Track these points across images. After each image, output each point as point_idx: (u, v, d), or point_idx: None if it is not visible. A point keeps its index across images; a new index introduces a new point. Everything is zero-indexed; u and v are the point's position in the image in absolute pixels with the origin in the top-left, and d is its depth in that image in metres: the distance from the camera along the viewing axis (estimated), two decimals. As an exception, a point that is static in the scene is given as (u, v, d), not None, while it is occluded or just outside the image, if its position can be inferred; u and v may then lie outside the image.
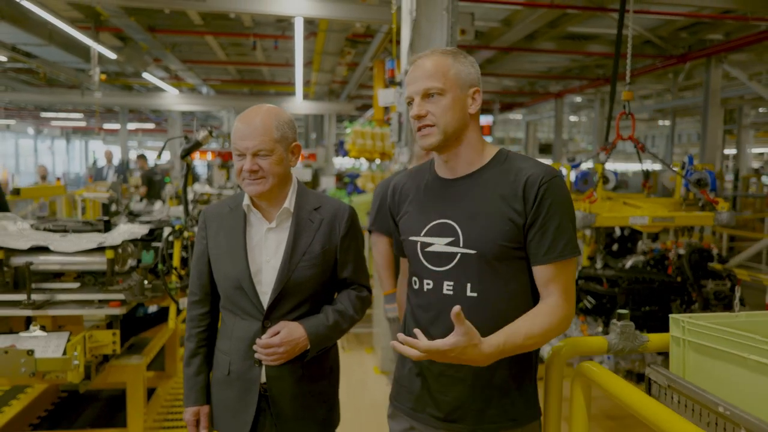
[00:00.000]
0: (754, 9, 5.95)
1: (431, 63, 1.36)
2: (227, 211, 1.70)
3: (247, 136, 1.56)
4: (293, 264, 1.61)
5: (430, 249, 1.40)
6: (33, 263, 3.03)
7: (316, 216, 1.67)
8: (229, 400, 1.69)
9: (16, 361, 2.79)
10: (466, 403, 1.38)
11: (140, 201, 6.24)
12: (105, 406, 4.11)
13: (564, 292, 1.32)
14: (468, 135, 1.39)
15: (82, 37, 7.12)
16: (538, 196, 1.30)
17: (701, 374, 1.18)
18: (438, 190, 1.44)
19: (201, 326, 1.75)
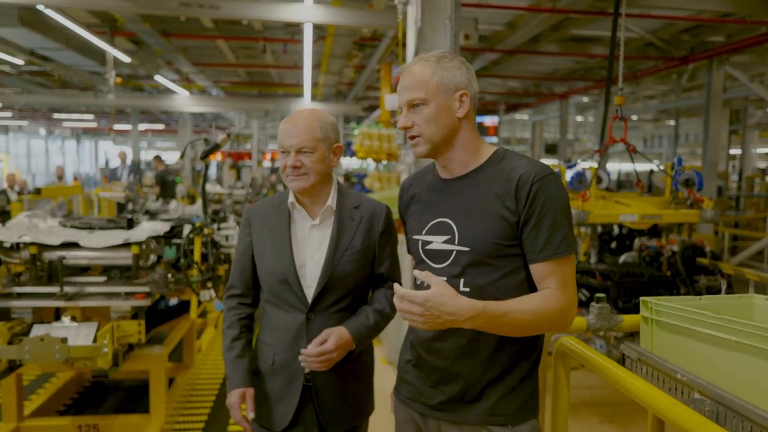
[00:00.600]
0: (752, 12, 6.08)
1: (413, 73, 1.39)
2: (270, 209, 1.78)
3: (291, 134, 1.66)
4: (336, 259, 1.68)
5: (430, 247, 1.44)
6: (65, 258, 3.26)
7: (357, 214, 1.74)
8: (273, 390, 1.74)
9: (51, 348, 3.02)
10: (457, 396, 1.41)
11: (156, 200, 6.47)
12: (127, 395, 4.33)
13: (561, 286, 1.32)
14: (460, 138, 1.41)
15: (98, 41, 7.37)
16: (530, 195, 1.32)
17: (666, 348, 1.36)
18: (438, 190, 1.48)
19: (242, 315, 1.81)
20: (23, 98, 13.48)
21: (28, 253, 3.33)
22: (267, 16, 5.33)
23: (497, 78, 11.46)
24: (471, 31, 4.96)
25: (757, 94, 9.53)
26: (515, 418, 1.39)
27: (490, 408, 1.38)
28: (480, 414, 1.39)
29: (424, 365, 1.46)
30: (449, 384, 1.41)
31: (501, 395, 1.38)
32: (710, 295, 1.43)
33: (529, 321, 1.30)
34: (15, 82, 12.46)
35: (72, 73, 10.37)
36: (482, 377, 1.38)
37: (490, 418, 1.38)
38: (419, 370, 1.48)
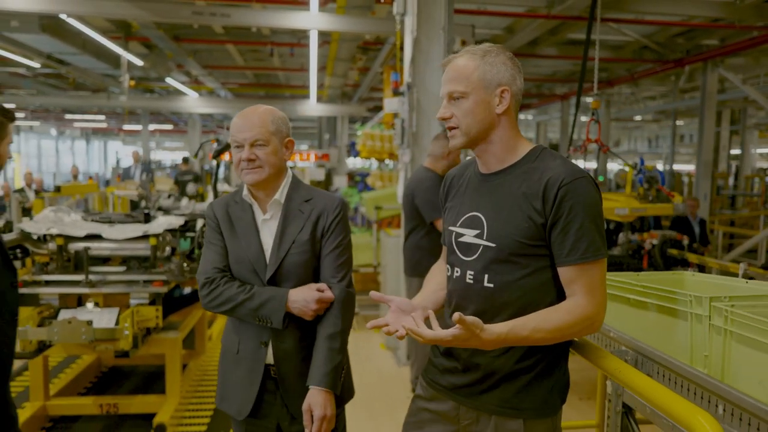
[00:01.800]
0: (742, 17, 6.31)
1: (457, 66, 1.39)
2: (233, 204, 1.81)
3: (245, 128, 1.69)
4: (282, 251, 1.72)
5: (462, 239, 1.46)
6: (90, 248, 3.55)
7: (307, 207, 1.76)
8: (237, 378, 1.77)
9: (78, 330, 3.30)
10: (476, 382, 1.44)
11: (168, 198, 6.76)
12: (142, 380, 4.62)
13: (587, 293, 1.31)
14: (497, 134, 1.41)
15: (113, 46, 7.69)
16: (557, 198, 1.32)
17: (613, 316, 1.63)
18: (475, 184, 1.49)
19: (227, 276, 1.76)
20: (38, 100, 13.85)
21: (55, 244, 3.63)
22: (274, 23, 5.63)
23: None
24: (468, 38, 5.22)
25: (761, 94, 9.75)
26: (530, 413, 1.39)
27: (504, 400, 1.40)
28: (494, 404, 1.41)
29: (447, 352, 1.50)
30: (469, 372, 1.44)
31: (517, 389, 1.39)
32: (648, 272, 1.70)
33: (553, 337, 1.32)
34: (30, 84, 12.83)
35: (86, 75, 10.71)
36: (499, 370, 1.40)
37: (503, 409, 1.40)
38: (445, 358, 1.51)
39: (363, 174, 11.36)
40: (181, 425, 3.78)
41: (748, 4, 6.18)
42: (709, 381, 1.26)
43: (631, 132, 24.48)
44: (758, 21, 6.47)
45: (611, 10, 6.23)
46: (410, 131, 3.88)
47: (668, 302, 1.37)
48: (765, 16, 6.31)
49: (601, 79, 11.06)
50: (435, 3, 3.65)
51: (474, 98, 1.38)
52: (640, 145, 25.95)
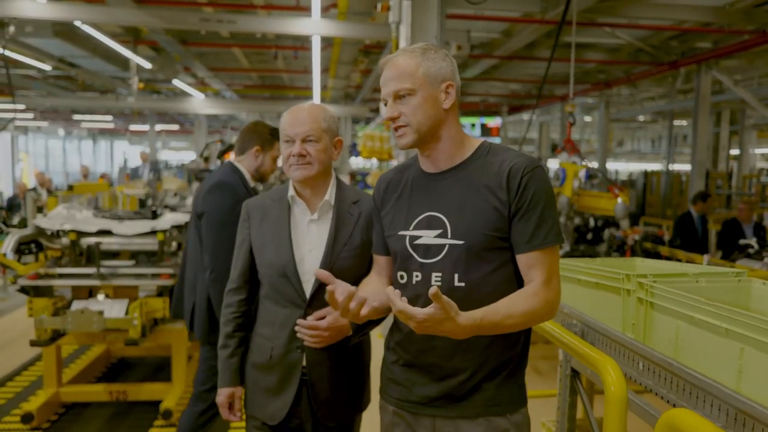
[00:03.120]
0: (731, 21, 6.48)
1: (399, 64, 1.38)
2: (270, 203, 1.78)
3: (297, 123, 1.67)
4: (335, 254, 1.69)
5: (419, 242, 1.41)
6: (101, 243, 3.78)
7: (355, 209, 1.74)
8: (270, 383, 1.75)
9: (90, 319, 3.53)
10: (454, 390, 1.40)
11: (174, 196, 7.00)
12: (149, 369, 4.84)
13: (547, 278, 1.33)
14: (446, 130, 1.39)
15: (123, 50, 7.94)
16: (521, 186, 1.32)
17: (568, 295, 1.84)
18: (424, 185, 1.45)
19: (239, 312, 1.81)
20: (48, 101, 14.15)
21: (68, 239, 3.86)
22: (278, 29, 5.86)
23: (499, 81, 11.88)
24: (464, 42, 5.42)
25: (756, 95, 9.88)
26: (511, 407, 1.40)
27: (487, 399, 1.38)
28: (478, 406, 1.38)
29: (415, 364, 1.44)
30: (444, 379, 1.40)
31: (497, 386, 1.38)
32: (604, 258, 1.92)
33: (523, 322, 1.32)
34: (40, 85, 13.13)
35: (95, 77, 10.98)
36: (480, 370, 1.38)
37: (488, 409, 1.38)
38: (408, 369, 1.45)
39: (363, 173, 11.61)
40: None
41: (737, 9, 6.35)
42: (634, 344, 1.50)
43: (634, 132, 24.57)
44: (747, 25, 6.63)
45: (604, 14, 6.42)
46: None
47: (607, 280, 1.58)
48: (754, 20, 6.47)
49: (598, 81, 11.24)
50: (428, 12, 3.86)
51: (422, 94, 1.36)
52: (643, 145, 26.04)
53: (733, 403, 1.21)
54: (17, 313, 6.35)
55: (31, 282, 3.64)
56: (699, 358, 1.38)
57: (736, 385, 1.25)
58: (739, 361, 1.24)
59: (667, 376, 1.45)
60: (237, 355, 1.80)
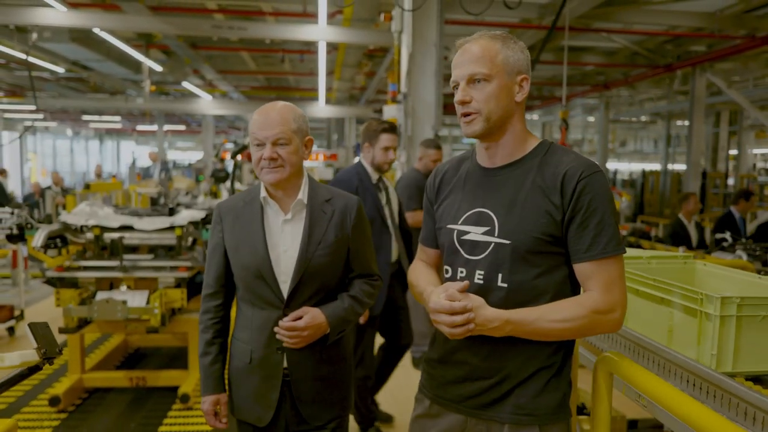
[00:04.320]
0: (722, 27, 6.71)
1: (479, 47, 1.30)
2: (242, 205, 1.75)
3: (266, 126, 1.63)
4: (310, 252, 1.67)
5: (466, 237, 1.37)
6: (124, 237, 4.05)
7: (328, 207, 1.72)
8: (253, 386, 1.74)
9: (114, 308, 3.79)
10: (486, 391, 1.36)
11: (186, 194, 7.28)
12: (165, 359, 5.09)
13: (604, 288, 1.25)
14: (513, 124, 1.34)
15: (136, 54, 8.23)
16: (576, 191, 1.26)
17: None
18: (478, 179, 1.40)
19: (216, 318, 1.78)
20: (58, 102, 14.47)
21: (92, 234, 4.13)
22: (286, 35, 6.12)
23: (500, 83, 12.10)
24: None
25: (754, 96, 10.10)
26: (545, 419, 1.33)
27: (519, 407, 1.33)
28: (509, 412, 1.33)
29: (451, 360, 1.41)
30: (478, 380, 1.37)
31: (532, 395, 1.32)
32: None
33: (562, 329, 1.26)
34: (52, 87, 13.44)
35: (105, 79, 11.29)
36: (513, 375, 1.33)
37: (519, 417, 1.33)
38: (444, 365, 1.43)
39: (368, 173, 11.93)
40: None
41: (728, 15, 6.59)
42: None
43: (636, 132, 24.74)
44: (738, 30, 6.87)
45: (600, 20, 6.66)
46: (406, 135, 4.36)
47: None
48: (744, 25, 6.71)
49: (597, 83, 11.47)
50: (428, 22, 4.12)
51: (498, 82, 1.29)
52: (646, 145, 26.21)
53: (663, 356, 1.49)
54: (40, 306, 6.64)
55: (57, 274, 3.91)
56: (641, 323, 1.62)
57: (668, 342, 1.50)
58: (669, 324, 1.47)
59: (617, 338, 1.73)
60: (219, 362, 1.78)
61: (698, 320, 1.35)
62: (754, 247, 3.02)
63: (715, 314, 1.30)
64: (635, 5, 6.32)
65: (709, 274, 1.75)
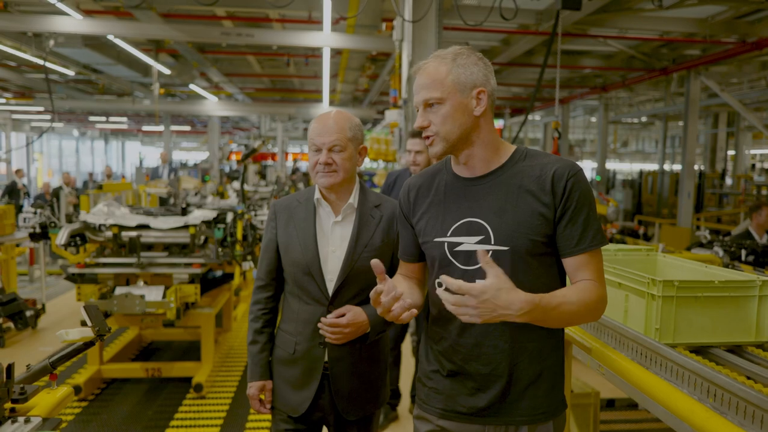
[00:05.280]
0: (714, 32, 6.93)
1: (428, 72, 1.35)
2: (296, 204, 1.85)
3: (324, 132, 1.72)
4: (356, 254, 1.74)
5: (460, 248, 1.38)
6: (141, 236, 4.29)
7: (377, 213, 1.79)
8: (293, 377, 1.81)
9: (133, 302, 4.03)
10: (500, 398, 1.38)
11: (195, 195, 7.52)
12: (178, 352, 5.34)
13: (596, 278, 1.32)
14: (479, 135, 1.37)
15: (147, 59, 8.49)
16: (566, 189, 1.31)
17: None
18: (460, 190, 1.41)
19: (266, 309, 1.88)
20: (67, 103, 14.76)
21: (110, 232, 4.38)
22: (292, 42, 6.37)
23: (502, 85, 12.35)
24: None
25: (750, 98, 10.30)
26: (555, 414, 1.40)
27: (535, 407, 1.37)
28: (526, 414, 1.37)
29: (460, 373, 1.41)
30: (490, 389, 1.38)
31: (545, 392, 1.38)
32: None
33: (576, 312, 1.29)
34: (62, 89, 13.72)
35: (114, 81, 11.55)
36: (525, 377, 1.37)
37: (534, 417, 1.37)
38: (453, 379, 1.42)
39: (370, 173, 12.19)
40: (214, 386, 4.45)
41: (719, 21, 6.80)
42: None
43: (638, 133, 24.92)
44: (730, 35, 7.08)
45: (595, 25, 6.88)
46: (406, 138, 4.58)
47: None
48: (735, 31, 6.93)
49: (596, 85, 11.68)
50: (427, 31, 4.36)
51: (450, 103, 1.34)
52: (647, 145, 26.37)
53: (620, 331, 1.73)
54: (59, 300, 6.89)
55: (79, 270, 4.15)
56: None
57: (624, 320, 1.74)
58: (625, 304, 1.71)
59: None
60: (267, 350, 1.86)
61: (646, 301, 1.59)
62: (729, 244, 3.27)
63: (658, 295, 1.53)
64: (629, 12, 6.54)
65: (667, 264, 1.99)
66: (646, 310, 1.57)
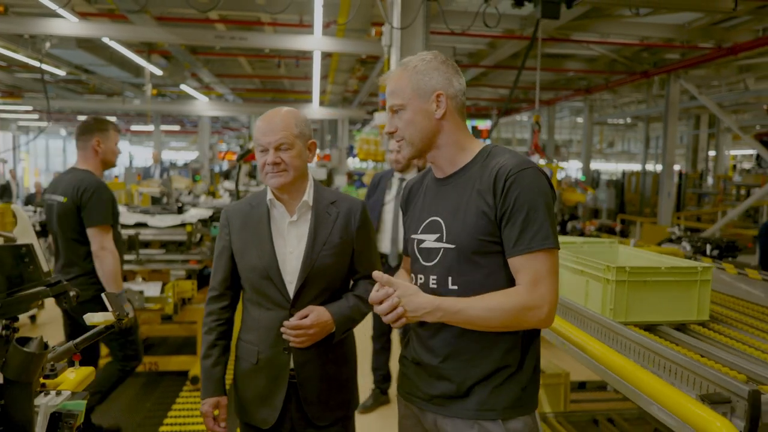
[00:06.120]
0: (691, 38, 7.21)
1: (391, 81, 1.43)
2: (249, 209, 1.79)
3: (269, 131, 1.67)
4: (315, 253, 1.70)
5: (423, 245, 1.44)
6: (140, 233, 4.44)
7: (333, 209, 1.75)
8: (259, 387, 1.75)
9: (133, 297, 4.18)
10: (449, 392, 1.41)
11: (189, 194, 7.65)
12: (172, 347, 5.47)
13: (531, 282, 1.29)
14: (443, 138, 1.40)
15: (140, 60, 8.60)
16: (504, 188, 1.31)
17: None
18: (433, 190, 1.48)
19: (221, 320, 1.80)
20: (56, 103, 14.74)
21: (109, 230, 4.51)
22: (284, 45, 6.54)
23: (488, 87, 12.59)
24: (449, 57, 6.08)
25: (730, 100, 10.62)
26: (506, 413, 1.37)
27: (480, 403, 1.38)
28: (471, 409, 1.38)
29: (419, 362, 1.47)
30: (441, 380, 1.42)
31: (491, 391, 1.37)
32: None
33: (488, 317, 1.30)
34: (51, 89, 13.73)
35: (104, 81, 11.61)
36: (470, 376, 1.38)
37: (480, 413, 1.38)
38: (416, 366, 1.48)
39: (360, 173, 12.39)
40: (210, 378, 4.60)
41: (696, 27, 7.09)
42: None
43: (624, 133, 25.33)
44: (706, 41, 7.37)
45: (578, 30, 7.14)
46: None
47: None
48: (711, 37, 7.22)
49: (580, 87, 11.97)
50: (415, 37, 4.56)
51: (411, 109, 1.39)
52: (633, 146, 26.82)
53: (581, 312, 1.96)
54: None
55: (79, 266, 4.29)
56: (568, 290, 2.04)
57: (585, 302, 1.95)
58: (586, 289, 1.91)
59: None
60: (221, 364, 1.80)
61: (602, 285, 1.81)
62: (696, 239, 3.52)
63: (612, 279, 1.75)
64: (609, 18, 6.79)
65: (626, 254, 2.22)
66: (603, 293, 1.79)
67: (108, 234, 2.98)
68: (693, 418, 1.29)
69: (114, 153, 3.10)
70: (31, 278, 1.25)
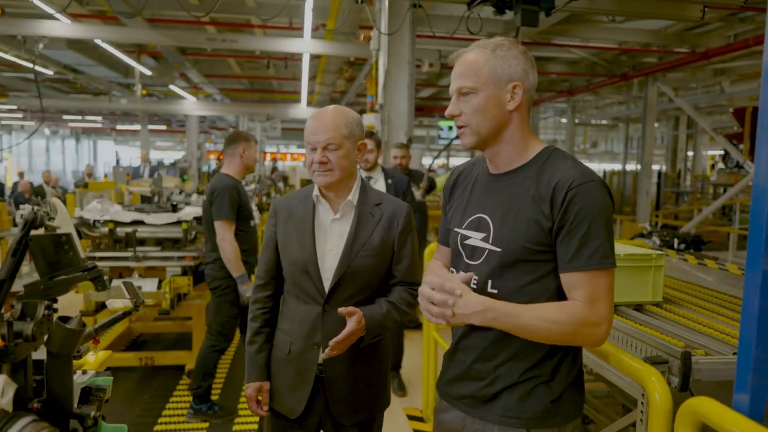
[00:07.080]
0: (667, 43, 7.51)
1: (466, 60, 1.33)
2: (296, 202, 1.80)
3: (318, 131, 1.68)
4: (353, 253, 1.70)
5: (468, 242, 1.40)
6: (137, 231, 4.58)
7: (377, 211, 1.75)
8: (288, 377, 1.77)
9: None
10: (477, 392, 1.39)
11: (180, 193, 7.75)
12: (166, 343, 5.59)
13: (588, 300, 1.24)
14: (508, 132, 1.34)
15: (130, 61, 8.69)
16: (565, 201, 1.25)
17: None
18: (483, 185, 1.42)
19: (265, 308, 1.84)
20: (44, 102, 14.67)
21: (106, 228, 4.64)
22: (274, 48, 6.69)
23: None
24: (434, 60, 6.31)
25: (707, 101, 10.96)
26: (531, 423, 1.34)
27: (506, 409, 1.35)
28: (496, 414, 1.36)
29: (453, 360, 1.47)
30: (472, 380, 1.41)
31: (520, 398, 1.34)
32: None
33: (545, 328, 1.25)
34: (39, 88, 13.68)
35: (93, 81, 11.64)
36: (501, 378, 1.36)
37: (504, 419, 1.35)
38: (452, 363, 1.48)
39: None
40: (206, 372, 4.71)
41: (672, 32, 7.39)
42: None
43: (607, 134, 25.80)
44: (681, 45, 7.68)
45: (559, 35, 7.39)
46: (383, 140, 4.99)
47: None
48: (686, 42, 7.53)
49: (563, 89, 12.28)
50: (402, 42, 4.77)
51: (484, 94, 1.31)
52: (616, 146, 27.34)
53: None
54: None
55: (77, 264, 4.40)
56: None
57: None
58: None
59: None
60: (264, 351, 1.83)
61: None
62: (665, 234, 3.77)
63: (578, 266, 1.96)
64: (589, 23, 7.06)
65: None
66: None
67: (229, 228, 3.52)
68: (637, 373, 1.50)
69: (255, 160, 3.71)
70: (70, 263, 1.41)
